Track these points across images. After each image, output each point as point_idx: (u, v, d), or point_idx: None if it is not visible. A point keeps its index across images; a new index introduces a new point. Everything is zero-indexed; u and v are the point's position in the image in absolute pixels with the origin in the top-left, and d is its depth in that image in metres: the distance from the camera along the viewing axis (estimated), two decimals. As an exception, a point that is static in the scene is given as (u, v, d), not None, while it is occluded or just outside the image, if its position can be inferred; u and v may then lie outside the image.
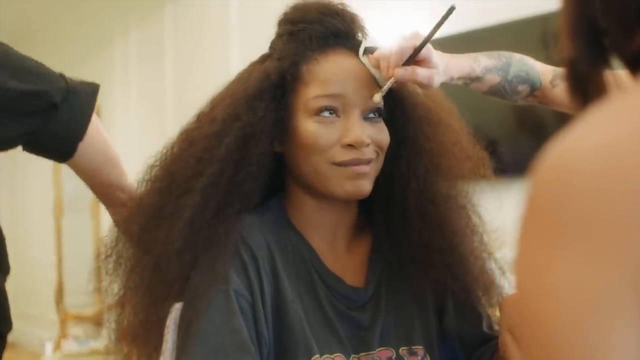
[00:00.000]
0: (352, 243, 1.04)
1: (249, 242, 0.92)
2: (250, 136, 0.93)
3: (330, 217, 1.00)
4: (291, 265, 0.95)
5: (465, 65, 1.09)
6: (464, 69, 1.08)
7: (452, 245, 1.00)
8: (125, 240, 0.99)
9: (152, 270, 0.92)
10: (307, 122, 0.94)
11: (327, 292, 0.96)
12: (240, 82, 0.98)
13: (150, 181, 0.99)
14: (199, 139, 0.94)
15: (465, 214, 1.03)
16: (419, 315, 1.01)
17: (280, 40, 1.00)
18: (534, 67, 1.22)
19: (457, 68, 1.07)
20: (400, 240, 1.01)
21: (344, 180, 0.93)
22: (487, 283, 1.04)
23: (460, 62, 1.09)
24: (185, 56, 4.21)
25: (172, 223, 0.90)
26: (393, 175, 1.00)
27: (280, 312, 0.91)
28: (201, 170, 0.92)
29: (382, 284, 1.01)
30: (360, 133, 0.93)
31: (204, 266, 0.90)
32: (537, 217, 0.43)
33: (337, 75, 0.95)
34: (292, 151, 0.97)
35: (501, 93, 1.19)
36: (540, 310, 0.42)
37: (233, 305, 0.87)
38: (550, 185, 0.42)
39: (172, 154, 0.99)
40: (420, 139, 1.01)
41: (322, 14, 0.98)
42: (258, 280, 0.90)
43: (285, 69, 0.95)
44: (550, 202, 0.42)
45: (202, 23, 4.08)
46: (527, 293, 0.44)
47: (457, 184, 1.03)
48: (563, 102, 1.21)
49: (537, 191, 0.43)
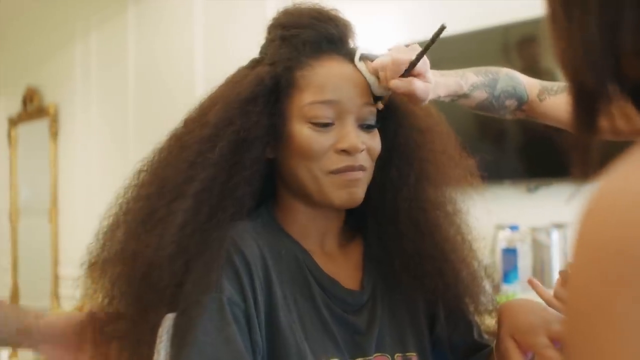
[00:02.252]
0: (344, 248, 1.04)
1: (241, 249, 0.90)
2: (244, 141, 0.92)
3: (320, 223, 1.00)
4: (285, 270, 0.94)
5: (453, 83, 1.10)
6: (450, 86, 1.09)
7: (444, 252, 1.00)
8: (112, 247, 0.97)
9: (142, 277, 0.89)
10: (302, 128, 0.94)
11: (323, 295, 0.96)
12: (232, 87, 0.97)
13: (137, 187, 0.97)
14: (191, 143, 0.93)
15: (455, 222, 1.04)
16: (410, 322, 1.02)
17: (272, 45, 0.99)
18: (521, 82, 1.23)
19: (445, 87, 1.08)
20: (392, 248, 1.01)
21: (338, 189, 0.94)
22: (477, 291, 1.04)
23: (448, 81, 1.09)
24: (149, 58, 4.16)
25: (163, 228, 0.89)
26: (384, 183, 1.01)
27: (272, 319, 0.90)
28: (193, 175, 0.90)
29: (377, 289, 1.01)
30: (355, 139, 0.93)
31: (197, 273, 0.88)
32: (599, 255, 0.43)
33: (332, 81, 0.95)
34: (285, 157, 0.96)
35: (489, 108, 1.20)
36: (600, 347, 0.42)
37: (227, 314, 0.85)
38: (615, 223, 0.43)
39: (160, 159, 0.97)
40: (410, 146, 1.01)
41: (316, 19, 0.98)
42: (251, 287, 0.89)
43: (279, 74, 0.95)
44: (616, 240, 0.42)
45: (166, 25, 4.04)
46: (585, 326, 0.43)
47: (447, 191, 1.04)
48: (551, 115, 1.23)
49: (599, 229, 0.43)
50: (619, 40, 0.49)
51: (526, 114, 1.26)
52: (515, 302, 0.97)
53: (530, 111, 1.25)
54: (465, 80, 1.14)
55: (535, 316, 0.92)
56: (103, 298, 0.97)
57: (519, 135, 2.72)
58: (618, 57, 0.49)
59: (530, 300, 0.96)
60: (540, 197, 2.69)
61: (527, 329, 0.91)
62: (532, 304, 0.96)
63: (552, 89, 1.23)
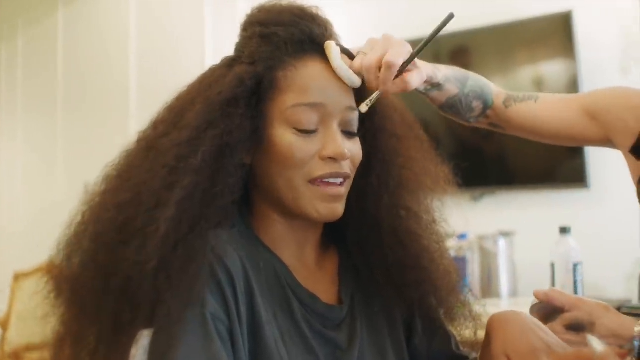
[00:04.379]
0: (321, 260, 1.00)
1: (224, 260, 0.84)
2: (227, 145, 0.86)
3: (299, 234, 0.96)
4: (264, 283, 0.89)
5: (429, 68, 1.08)
6: (428, 72, 1.07)
7: (423, 262, 0.97)
8: (78, 260, 0.88)
9: (118, 292, 0.82)
10: (284, 133, 0.89)
11: (302, 311, 0.91)
12: (211, 87, 0.91)
13: (104, 194, 0.89)
14: (168, 147, 0.86)
15: (433, 230, 1.01)
16: (389, 334, 0.99)
17: (250, 43, 0.93)
18: (489, 85, 1.23)
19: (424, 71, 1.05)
20: (373, 257, 0.98)
21: (318, 202, 0.90)
22: (455, 301, 1.02)
23: (426, 66, 1.07)
24: (80, 62, 4.01)
25: (143, 239, 0.81)
26: (364, 190, 0.97)
27: (256, 334, 0.85)
28: (175, 181, 0.83)
29: (355, 303, 0.98)
30: (342, 145, 0.89)
31: (178, 287, 0.81)
32: None
33: (316, 82, 0.90)
34: (264, 164, 0.91)
35: (457, 108, 1.19)
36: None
37: (211, 331, 0.80)
38: None
39: (131, 164, 0.90)
40: (389, 152, 0.98)
41: (298, 17, 0.93)
42: (235, 301, 0.83)
43: (260, 74, 0.90)
44: None
45: (99, 27, 3.90)
46: None
47: (426, 198, 1.01)
48: (516, 123, 1.23)
49: None
50: None
51: (490, 121, 1.26)
52: (508, 317, 0.93)
53: (494, 118, 1.25)
54: (439, 70, 1.12)
55: (534, 336, 0.88)
56: (69, 318, 0.88)
57: (456, 143, 2.76)
58: None
59: (522, 314, 0.93)
60: (485, 205, 2.72)
61: (527, 351, 0.87)
62: (525, 320, 0.92)
63: (517, 97, 1.23)
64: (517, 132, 1.26)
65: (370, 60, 0.93)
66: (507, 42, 2.77)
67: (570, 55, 2.56)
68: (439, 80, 1.11)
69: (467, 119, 1.23)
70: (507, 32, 2.75)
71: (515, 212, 2.70)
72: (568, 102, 1.23)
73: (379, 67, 0.93)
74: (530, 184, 2.70)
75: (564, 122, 1.20)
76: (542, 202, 2.67)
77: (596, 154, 2.51)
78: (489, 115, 1.24)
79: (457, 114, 1.21)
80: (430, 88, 1.13)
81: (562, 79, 2.60)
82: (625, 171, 1.12)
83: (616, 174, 2.53)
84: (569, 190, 2.60)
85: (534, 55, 2.73)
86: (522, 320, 0.91)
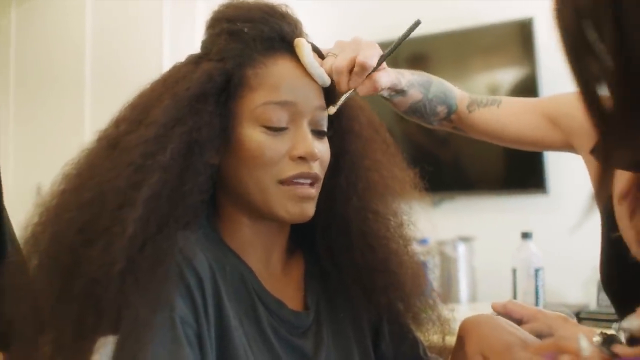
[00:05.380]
0: (287, 266, 0.98)
1: (193, 263, 0.81)
2: (196, 143, 0.84)
3: (265, 237, 0.93)
4: (230, 288, 0.86)
5: (393, 74, 1.07)
6: (392, 78, 1.06)
7: (393, 266, 0.97)
8: (37, 264, 0.84)
9: (83, 296, 0.78)
10: (253, 131, 0.87)
11: (269, 317, 0.89)
12: (178, 83, 0.88)
13: (64, 193, 0.86)
14: (134, 144, 0.83)
15: (401, 234, 1.00)
16: (355, 340, 0.97)
17: (218, 40, 0.91)
18: (452, 90, 1.24)
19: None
20: (343, 261, 0.96)
21: (288, 202, 0.88)
22: (423, 306, 1.01)
23: (390, 72, 1.06)
24: (33, 63, 3.92)
25: (109, 240, 0.78)
26: (333, 192, 0.95)
27: (224, 339, 0.82)
28: (142, 180, 0.80)
29: (321, 309, 0.96)
30: (312, 145, 0.88)
31: (146, 290, 0.78)
32: None
33: (286, 81, 0.89)
34: (232, 164, 0.89)
35: (421, 112, 1.19)
36: None
37: (179, 335, 0.77)
38: None
39: (93, 163, 0.86)
40: (357, 154, 0.97)
41: (268, 14, 0.91)
42: (203, 304, 0.81)
43: (229, 70, 0.88)
44: None
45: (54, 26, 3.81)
46: None
47: (393, 201, 1.00)
48: (479, 128, 1.23)
49: None
50: None
51: (453, 125, 1.25)
52: (481, 319, 0.93)
53: (458, 122, 1.24)
54: (403, 76, 1.12)
55: (508, 334, 0.89)
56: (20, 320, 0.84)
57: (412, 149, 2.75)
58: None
59: (495, 317, 0.93)
60: (444, 210, 2.72)
61: (503, 348, 0.87)
62: (498, 320, 0.93)
63: (481, 102, 1.23)
64: (480, 136, 1.26)
65: (341, 62, 0.93)
66: (467, 49, 2.77)
67: (530, 62, 2.58)
68: (402, 86, 1.11)
69: (431, 122, 1.23)
70: (467, 38, 2.75)
71: (474, 218, 2.71)
72: (530, 106, 1.23)
73: (350, 70, 0.93)
74: (489, 190, 2.71)
75: (526, 127, 1.20)
76: (501, 207, 2.68)
77: (555, 160, 2.52)
78: (453, 120, 1.24)
79: (421, 118, 1.21)
80: (395, 94, 1.12)
81: (522, 85, 2.62)
82: (583, 177, 1.11)
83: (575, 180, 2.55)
84: (528, 195, 2.62)
85: (494, 62, 2.73)
86: (494, 320, 0.92)
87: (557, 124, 1.17)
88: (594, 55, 0.52)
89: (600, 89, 0.53)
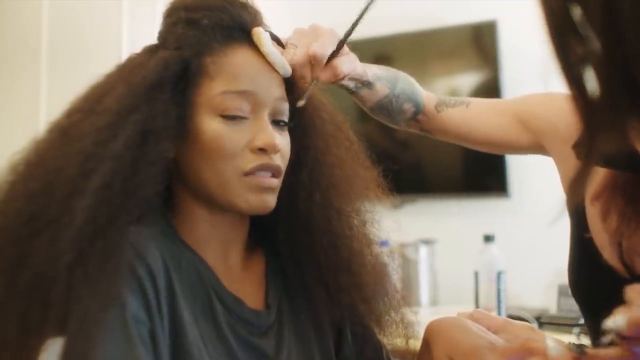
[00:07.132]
0: (246, 262, 0.94)
1: (144, 256, 0.78)
2: (151, 132, 0.80)
3: (224, 232, 0.90)
4: (186, 284, 0.83)
5: (358, 64, 1.05)
6: (357, 67, 1.05)
7: (356, 266, 0.94)
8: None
9: (27, 291, 0.74)
10: (212, 122, 0.84)
11: (227, 316, 0.86)
12: (133, 71, 0.85)
13: (12, 184, 0.82)
14: (85, 132, 0.79)
15: (366, 233, 0.98)
16: (317, 342, 0.95)
17: (175, 29, 0.88)
18: (419, 88, 1.21)
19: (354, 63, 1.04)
20: (305, 259, 0.94)
21: (249, 193, 0.85)
22: (387, 308, 0.99)
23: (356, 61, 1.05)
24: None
25: (57, 231, 0.74)
26: (295, 188, 0.93)
27: (178, 336, 0.79)
28: (92, 168, 0.76)
29: (283, 308, 0.94)
30: (273, 136, 0.85)
31: (96, 285, 0.74)
32: None
33: (246, 70, 0.86)
34: (189, 156, 0.86)
35: (388, 110, 1.16)
36: None
37: (132, 334, 0.73)
38: None
39: (42, 153, 0.82)
40: (320, 149, 0.95)
41: (227, 3, 0.89)
42: (156, 300, 0.77)
43: (187, 59, 0.85)
44: None
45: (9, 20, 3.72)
46: None
47: (356, 200, 0.98)
48: (448, 129, 1.21)
49: None
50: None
51: (421, 126, 1.23)
52: (447, 321, 0.91)
53: (425, 123, 1.22)
54: (369, 68, 1.10)
55: (476, 336, 0.87)
56: None
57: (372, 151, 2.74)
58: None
59: (463, 320, 0.91)
60: (405, 213, 2.70)
61: (470, 350, 0.85)
62: (465, 322, 0.90)
63: (449, 102, 1.21)
64: (448, 137, 1.24)
65: (300, 56, 0.92)
66: (430, 50, 2.76)
67: (493, 66, 2.57)
68: (369, 78, 1.09)
69: (398, 121, 1.21)
70: (430, 39, 2.75)
71: (436, 220, 2.70)
72: (500, 107, 1.21)
73: (310, 60, 0.93)
74: (451, 192, 2.70)
75: (496, 128, 1.18)
76: (463, 210, 2.68)
77: (517, 164, 2.52)
78: (420, 120, 1.21)
79: (388, 117, 1.18)
80: (361, 86, 1.10)
81: (483, 88, 2.61)
82: (545, 180, 1.09)
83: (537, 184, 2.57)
84: (491, 199, 2.61)
85: (457, 64, 2.73)
86: (461, 323, 0.90)
87: (527, 125, 1.16)
88: (580, 36, 0.49)
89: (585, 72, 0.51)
